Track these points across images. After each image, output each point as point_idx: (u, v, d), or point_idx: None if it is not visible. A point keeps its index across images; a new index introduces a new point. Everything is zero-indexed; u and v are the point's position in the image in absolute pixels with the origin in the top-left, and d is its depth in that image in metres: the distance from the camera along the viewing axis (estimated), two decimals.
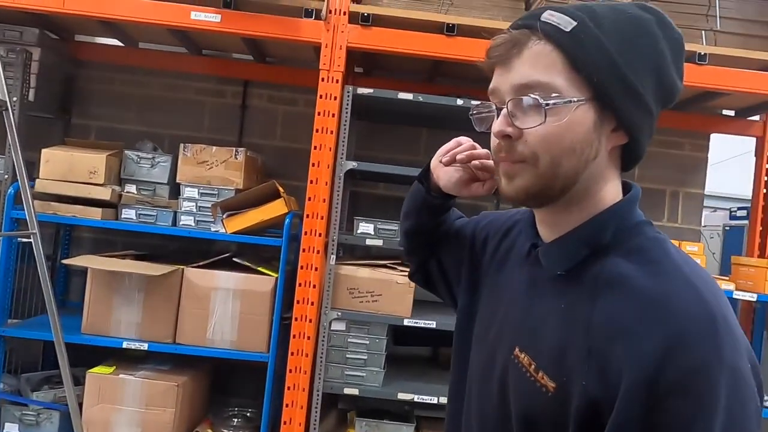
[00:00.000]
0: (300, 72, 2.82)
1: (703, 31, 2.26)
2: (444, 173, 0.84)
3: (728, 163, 4.55)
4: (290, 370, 2.16)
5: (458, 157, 0.81)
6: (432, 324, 2.26)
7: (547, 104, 0.62)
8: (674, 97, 0.68)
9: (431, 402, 2.25)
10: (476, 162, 0.80)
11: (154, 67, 2.87)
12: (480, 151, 0.81)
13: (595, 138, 0.64)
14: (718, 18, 2.26)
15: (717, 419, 0.51)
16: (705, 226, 2.95)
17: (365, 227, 2.28)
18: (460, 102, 2.20)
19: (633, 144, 0.66)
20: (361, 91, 2.22)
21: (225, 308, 2.30)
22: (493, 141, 0.67)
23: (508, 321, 0.72)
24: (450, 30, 2.13)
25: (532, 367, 0.63)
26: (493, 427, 0.70)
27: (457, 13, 2.18)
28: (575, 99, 0.62)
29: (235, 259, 2.39)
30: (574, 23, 0.62)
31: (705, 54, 2.17)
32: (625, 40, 0.63)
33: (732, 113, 2.99)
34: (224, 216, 2.31)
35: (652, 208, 2.91)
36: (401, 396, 2.25)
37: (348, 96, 2.21)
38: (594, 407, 0.57)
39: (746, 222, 3.38)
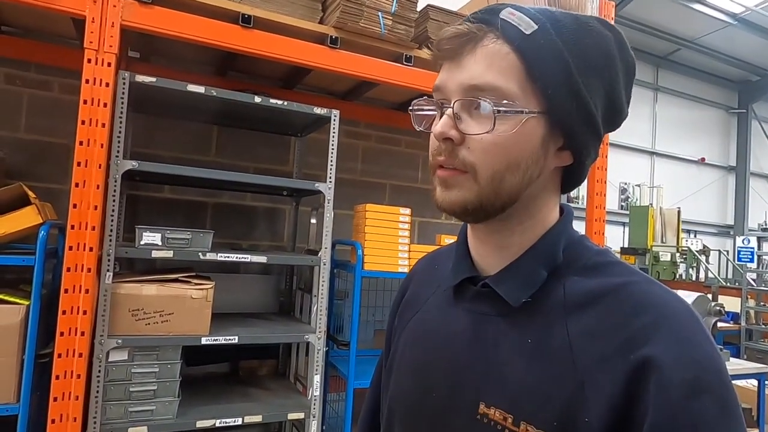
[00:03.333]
0: (54, 49, 2.29)
1: None
2: None
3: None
4: (53, 420, 1.72)
5: None
6: (234, 339, 2.07)
7: (498, 111, 0.56)
8: (620, 122, 0.64)
9: (235, 424, 2.06)
10: None
11: None
12: None
13: (542, 155, 0.59)
14: None
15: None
16: None
17: (150, 237, 1.96)
18: (258, 99, 2.06)
19: (576, 166, 0.63)
20: (141, 79, 1.90)
21: None
22: (433, 142, 0.61)
23: (458, 376, 0.62)
24: (246, 21, 1.97)
25: (509, 421, 0.55)
26: None
27: (252, 4, 2.03)
28: (527, 110, 0.57)
29: None
30: (535, 27, 0.57)
31: None
32: (585, 55, 0.58)
33: None
34: None
35: (374, 199, 3.11)
36: (200, 424, 2.00)
37: (124, 83, 1.87)
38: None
39: None
